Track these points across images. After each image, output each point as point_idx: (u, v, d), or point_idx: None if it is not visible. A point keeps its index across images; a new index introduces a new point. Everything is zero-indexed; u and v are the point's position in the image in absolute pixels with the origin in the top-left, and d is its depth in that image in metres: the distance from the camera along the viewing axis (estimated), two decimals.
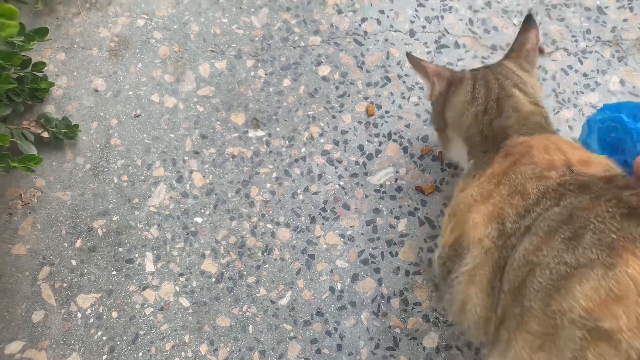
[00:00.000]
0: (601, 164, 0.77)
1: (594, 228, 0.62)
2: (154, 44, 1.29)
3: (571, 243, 0.63)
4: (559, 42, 1.33)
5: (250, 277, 1.08)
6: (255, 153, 1.19)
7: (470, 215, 0.79)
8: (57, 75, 1.24)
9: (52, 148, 1.17)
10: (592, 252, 0.60)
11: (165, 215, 1.13)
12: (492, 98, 0.92)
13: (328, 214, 1.15)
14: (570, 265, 0.61)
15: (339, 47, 1.30)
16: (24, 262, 1.08)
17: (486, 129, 0.91)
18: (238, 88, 1.25)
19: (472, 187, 0.83)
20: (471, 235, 0.78)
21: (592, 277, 0.58)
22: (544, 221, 0.68)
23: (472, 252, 0.77)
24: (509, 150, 0.83)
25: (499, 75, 0.95)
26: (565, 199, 0.70)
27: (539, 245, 0.66)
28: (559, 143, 0.81)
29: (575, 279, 0.59)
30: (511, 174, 0.78)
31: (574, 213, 0.66)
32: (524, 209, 0.73)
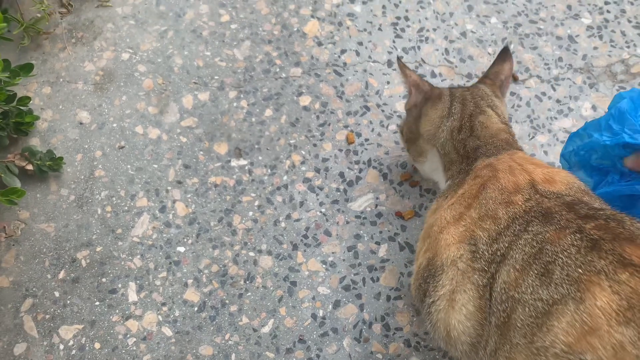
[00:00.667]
0: (564, 181, 0.80)
1: (562, 263, 0.65)
2: (138, 77, 1.32)
3: (544, 279, 0.65)
4: (532, 69, 1.38)
5: (232, 306, 1.09)
6: (238, 182, 1.21)
7: (442, 236, 0.82)
8: (43, 109, 1.26)
9: (37, 180, 1.18)
10: (563, 287, 0.63)
11: (148, 245, 1.14)
12: (466, 115, 0.97)
13: (310, 240, 1.16)
14: (547, 302, 0.63)
15: (319, 78, 1.34)
16: (7, 294, 1.08)
17: (461, 148, 0.95)
18: (221, 118, 1.28)
19: (443, 209, 0.86)
20: (444, 256, 0.80)
21: (566, 313, 0.61)
22: (518, 252, 0.71)
23: (447, 274, 0.78)
24: (477, 173, 0.86)
25: (476, 95, 1.00)
26: (533, 226, 0.72)
27: (517, 280, 0.68)
28: (523, 162, 0.85)
29: (552, 315, 0.62)
30: (481, 199, 0.81)
31: (543, 247, 0.68)
32: (496, 232, 0.76)
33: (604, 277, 0.60)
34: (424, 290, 0.84)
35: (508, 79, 1.08)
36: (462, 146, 0.95)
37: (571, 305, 0.61)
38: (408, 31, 1.41)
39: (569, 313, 0.60)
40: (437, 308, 0.79)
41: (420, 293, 0.85)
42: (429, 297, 0.81)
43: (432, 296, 0.81)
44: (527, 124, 1.30)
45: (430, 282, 0.82)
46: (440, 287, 0.79)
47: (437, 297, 0.80)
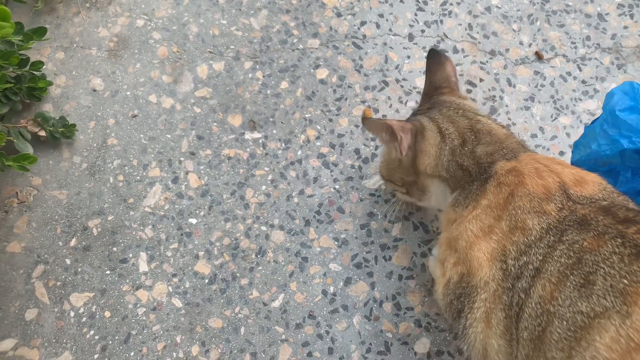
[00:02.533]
0: (595, 182, 0.76)
1: (605, 273, 0.61)
2: (153, 44, 1.29)
3: (584, 291, 0.62)
4: (558, 48, 1.33)
5: (243, 279, 1.09)
6: (252, 155, 1.19)
7: (474, 253, 0.77)
8: (56, 74, 1.24)
9: (49, 147, 1.17)
10: (607, 300, 0.59)
11: (160, 215, 1.13)
12: (465, 129, 0.90)
13: (322, 217, 1.15)
14: (587, 315, 0.60)
15: (337, 50, 1.30)
16: (19, 260, 1.08)
17: (467, 160, 0.87)
18: (235, 90, 1.25)
19: (468, 220, 0.80)
20: (478, 276, 0.76)
21: (610, 327, 0.58)
22: (553, 265, 0.67)
23: (481, 295, 0.75)
24: (501, 180, 0.80)
25: (456, 109, 0.93)
26: (568, 235, 0.68)
27: (552, 294, 0.65)
28: (549, 163, 0.79)
29: (594, 329, 0.59)
30: (510, 209, 0.76)
31: (581, 256, 0.65)
32: (525, 245, 0.72)
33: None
34: (457, 308, 0.80)
35: (456, 78, 1.02)
36: (469, 157, 0.87)
37: (616, 319, 0.57)
38: (431, 4, 1.36)
39: (614, 327, 0.57)
40: (475, 330, 0.76)
41: (454, 310, 0.81)
42: (464, 319, 0.78)
43: (468, 318, 0.77)
44: (550, 104, 1.26)
45: (465, 302, 0.78)
46: (476, 310, 0.76)
47: (474, 319, 0.76)
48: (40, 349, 1.02)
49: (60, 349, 1.02)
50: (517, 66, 1.31)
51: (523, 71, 1.30)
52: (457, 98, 0.97)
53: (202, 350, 1.03)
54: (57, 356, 1.01)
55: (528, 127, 1.24)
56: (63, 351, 1.02)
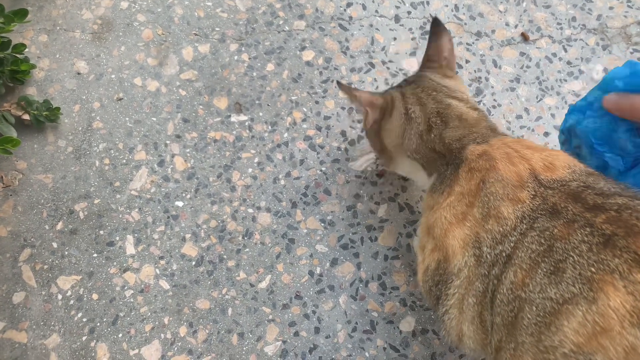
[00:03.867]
0: (564, 166, 0.76)
1: (574, 262, 0.62)
2: (138, 26, 1.28)
3: (554, 278, 0.63)
4: (544, 29, 1.33)
5: (230, 261, 1.09)
6: (238, 138, 1.19)
7: (448, 241, 0.78)
8: (39, 58, 1.23)
9: (34, 131, 1.17)
10: (575, 287, 0.61)
11: (147, 198, 1.13)
12: (431, 113, 0.89)
13: (309, 199, 1.15)
14: (556, 301, 0.62)
15: (323, 32, 1.30)
16: (5, 243, 1.08)
17: (437, 145, 0.87)
18: (221, 72, 1.25)
19: (443, 207, 0.80)
20: (453, 264, 0.77)
21: (577, 313, 0.59)
22: (524, 251, 0.68)
23: (454, 282, 0.76)
24: (472, 165, 0.80)
25: (428, 89, 0.92)
26: (539, 222, 0.69)
27: (524, 280, 0.66)
28: (519, 148, 0.79)
29: (562, 315, 0.61)
30: (483, 196, 0.76)
31: (552, 244, 0.66)
32: (500, 234, 0.72)
33: (617, 277, 0.58)
34: (435, 295, 0.81)
35: (452, 53, 1.00)
36: (439, 143, 0.87)
37: (583, 305, 0.59)
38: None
39: (580, 313, 0.59)
40: (450, 317, 0.78)
41: (433, 297, 0.83)
42: (442, 306, 0.79)
43: (444, 305, 0.78)
44: (535, 85, 1.27)
45: (442, 289, 0.79)
46: (450, 296, 0.77)
47: (449, 306, 0.77)
48: (29, 331, 1.03)
49: (48, 331, 1.03)
50: (503, 47, 1.31)
51: (509, 52, 1.30)
52: (439, 76, 0.96)
53: (189, 331, 1.04)
54: (45, 338, 1.02)
55: (513, 109, 1.24)
56: (51, 333, 1.03)
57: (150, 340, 1.03)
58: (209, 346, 1.03)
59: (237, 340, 1.04)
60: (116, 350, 1.02)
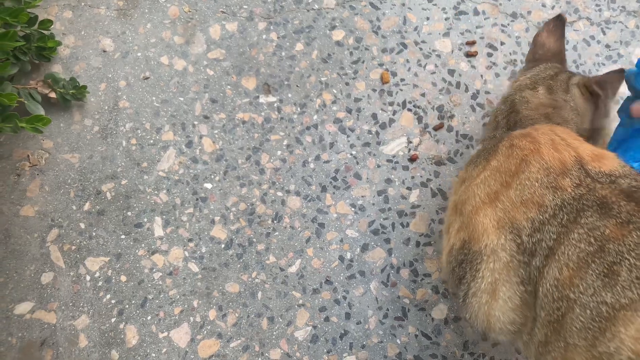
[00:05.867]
0: (614, 158, 0.73)
1: (630, 265, 0.60)
2: (164, 3, 1.25)
3: (607, 281, 0.61)
4: (581, 11, 1.28)
5: (259, 245, 1.08)
6: (266, 119, 1.17)
7: (479, 219, 0.75)
8: (64, 34, 1.21)
9: (60, 109, 1.15)
10: (632, 291, 0.59)
11: (175, 180, 1.11)
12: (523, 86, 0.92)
13: (339, 183, 1.13)
14: (612, 306, 0.60)
15: (354, 11, 1.26)
16: (33, 223, 1.07)
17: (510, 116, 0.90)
18: (249, 51, 1.22)
19: (476, 183, 0.78)
20: (482, 243, 0.74)
21: (636, 319, 0.57)
22: (571, 249, 0.65)
23: (487, 264, 0.73)
24: (514, 141, 0.78)
25: (542, 70, 0.94)
26: (587, 217, 0.66)
27: (572, 280, 0.64)
28: (567, 137, 0.76)
29: (619, 321, 0.59)
30: (524, 179, 0.73)
31: (604, 245, 0.63)
32: (539, 222, 0.70)
33: None
34: (458, 275, 0.79)
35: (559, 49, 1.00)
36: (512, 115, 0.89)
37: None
38: None
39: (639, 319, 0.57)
40: (479, 301, 0.75)
41: (455, 278, 0.80)
42: (466, 286, 0.77)
43: (471, 287, 0.76)
44: (572, 69, 1.23)
45: (467, 268, 0.76)
46: (480, 279, 0.74)
47: (477, 288, 0.75)
48: (58, 312, 1.02)
49: (77, 312, 1.02)
50: None
51: None
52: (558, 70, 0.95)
53: (219, 315, 1.03)
54: (74, 319, 1.01)
55: None
56: (80, 314, 1.02)
57: (180, 324, 1.02)
58: (239, 330, 1.02)
59: (267, 325, 1.02)
60: (145, 333, 1.01)
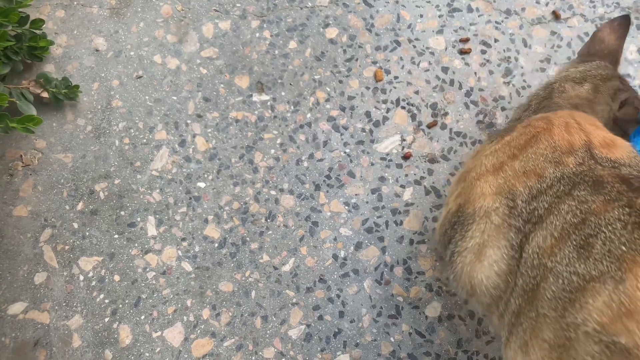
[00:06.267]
0: (625, 146, 0.74)
1: (605, 238, 0.61)
2: (156, 2, 1.24)
3: (582, 252, 0.61)
4: (576, 7, 1.28)
5: (253, 243, 1.08)
6: (260, 118, 1.16)
7: (479, 184, 0.76)
8: (57, 34, 1.20)
9: (52, 109, 1.14)
10: (603, 264, 0.59)
11: (168, 179, 1.11)
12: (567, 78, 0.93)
13: (333, 181, 1.13)
14: (583, 277, 0.60)
15: (347, 9, 1.26)
16: (26, 223, 1.07)
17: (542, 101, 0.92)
18: (242, 50, 1.21)
19: (485, 154, 0.80)
20: (477, 205, 0.75)
21: (604, 292, 0.57)
22: (559, 219, 0.66)
23: (478, 225, 0.74)
24: (530, 122, 0.80)
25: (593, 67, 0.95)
26: (579, 191, 0.67)
27: (552, 249, 0.65)
28: (582, 122, 0.77)
29: (588, 292, 0.59)
30: (530, 152, 0.75)
31: (586, 217, 0.64)
32: (537, 190, 0.71)
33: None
34: (449, 236, 0.80)
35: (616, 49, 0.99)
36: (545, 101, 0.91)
37: (610, 284, 0.57)
38: None
39: (607, 292, 0.57)
40: (464, 260, 0.76)
41: (445, 239, 0.81)
42: (454, 246, 0.78)
43: (458, 245, 0.77)
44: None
45: (457, 229, 0.77)
46: (468, 239, 0.75)
47: (463, 248, 0.76)
48: (51, 312, 1.02)
49: (70, 312, 1.02)
50: (533, 26, 1.26)
51: (539, 31, 1.26)
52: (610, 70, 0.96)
53: (212, 314, 1.03)
54: (67, 319, 1.01)
55: None
56: (74, 314, 1.02)
57: (173, 323, 1.02)
58: (232, 329, 1.02)
59: (261, 324, 1.02)
60: (139, 332, 1.01)
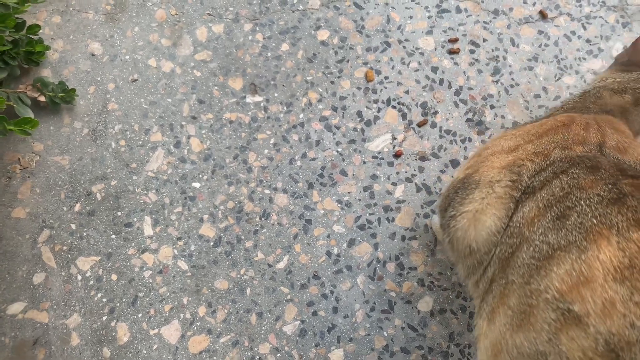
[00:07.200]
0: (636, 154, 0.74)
1: (580, 210, 0.62)
2: (151, 7, 1.27)
3: (558, 223, 0.63)
4: (562, 7, 1.31)
5: (248, 242, 1.09)
6: (253, 119, 1.19)
7: (491, 158, 0.79)
8: (53, 39, 1.22)
9: (49, 112, 1.16)
10: (572, 234, 0.60)
11: (164, 180, 1.13)
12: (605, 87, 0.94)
13: (325, 180, 1.15)
14: (552, 246, 0.61)
15: (338, 11, 1.28)
16: (24, 225, 1.09)
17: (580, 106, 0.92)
18: (236, 52, 1.24)
19: (505, 137, 0.82)
20: (484, 175, 0.77)
21: (567, 260, 0.58)
22: (548, 192, 0.68)
23: (480, 192, 0.75)
24: (555, 117, 0.82)
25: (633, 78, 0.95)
26: (575, 169, 0.69)
27: (533, 219, 0.66)
28: (604, 124, 0.79)
29: (554, 260, 0.60)
30: (544, 140, 0.77)
31: (571, 191, 0.65)
32: (540, 168, 0.73)
33: (615, 232, 0.58)
34: (450, 199, 0.81)
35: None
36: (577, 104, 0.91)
37: (574, 253, 0.59)
38: None
39: (570, 261, 0.58)
40: (458, 224, 0.77)
41: (446, 202, 0.83)
42: (452, 209, 0.79)
43: (456, 209, 0.78)
44: (554, 64, 1.25)
45: (459, 193, 0.79)
46: (467, 203, 0.76)
47: (461, 211, 0.77)
48: (50, 311, 1.03)
49: (69, 311, 1.04)
50: (520, 26, 1.29)
51: (527, 31, 1.28)
52: None
53: (208, 311, 1.04)
54: (66, 318, 1.03)
55: (531, 88, 1.23)
56: (72, 313, 1.04)
57: (170, 320, 1.04)
58: (228, 326, 1.04)
59: (256, 320, 1.04)
60: (136, 330, 1.03)
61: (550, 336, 0.57)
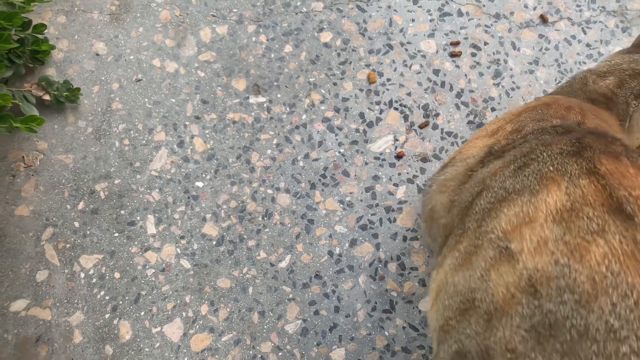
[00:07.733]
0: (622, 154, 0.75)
1: (541, 160, 0.63)
2: (155, 8, 1.28)
3: (518, 171, 0.64)
4: (563, 11, 1.32)
5: (250, 241, 1.10)
6: (256, 119, 1.20)
7: (475, 140, 0.80)
8: (58, 39, 1.23)
9: (54, 111, 1.17)
10: (528, 179, 0.61)
11: (167, 179, 1.14)
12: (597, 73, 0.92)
13: (328, 180, 1.16)
14: (507, 190, 0.62)
15: (341, 14, 1.29)
16: (28, 223, 1.09)
17: None
18: (239, 53, 1.25)
19: (492, 122, 0.84)
20: (464, 154, 0.79)
21: (518, 203, 0.59)
22: (517, 151, 0.68)
23: (454, 166, 0.78)
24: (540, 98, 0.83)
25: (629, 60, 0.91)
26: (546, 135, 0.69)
27: (497, 171, 0.67)
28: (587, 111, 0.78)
29: (506, 202, 0.60)
30: (522, 117, 0.78)
31: (537, 147, 0.66)
32: (512, 140, 0.73)
33: (566, 179, 0.58)
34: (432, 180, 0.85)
35: None
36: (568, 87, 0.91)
37: (526, 196, 0.59)
38: None
39: (520, 203, 0.59)
40: (430, 190, 0.82)
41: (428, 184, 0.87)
42: (430, 181, 0.84)
43: (432, 179, 0.83)
44: (554, 68, 1.26)
45: (440, 171, 0.83)
46: (442, 175, 0.80)
47: (434, 181, 0.81)
48: (52, 309, 1.04)
49: (72, 309, 1.04)
50: (521, 29, 1.30)
51: (527, 35, 1.30)
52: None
53: (211, 310, 1.05)
54: (69, 316, 1.04)
55: (532, 91, 1.24)
56: (75, 311, 1.04)
57: (172, 319, 1.04)
58: (230, 324, 1.04)
59: (258, 319, 1.05)
60: (139, 328, 1.03)
61: (482, 272, 0.57)
